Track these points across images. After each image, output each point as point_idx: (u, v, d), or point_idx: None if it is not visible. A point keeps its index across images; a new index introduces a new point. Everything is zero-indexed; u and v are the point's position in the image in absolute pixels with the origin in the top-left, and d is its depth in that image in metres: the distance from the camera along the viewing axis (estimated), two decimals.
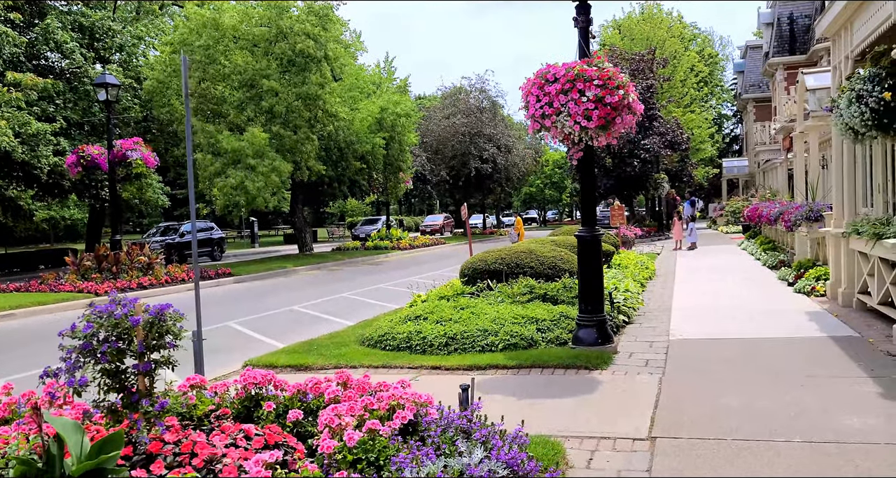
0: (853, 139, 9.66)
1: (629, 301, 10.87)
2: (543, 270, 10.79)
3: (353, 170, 28.49)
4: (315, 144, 24.99)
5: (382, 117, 28.66)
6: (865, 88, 8.76)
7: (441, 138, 44.55)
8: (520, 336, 8.50)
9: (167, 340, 3.75)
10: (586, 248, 8.41)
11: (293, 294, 17.78)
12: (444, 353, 8.45)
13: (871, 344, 8.16)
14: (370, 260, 29.69)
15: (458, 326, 8.88)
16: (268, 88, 23.62)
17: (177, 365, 3.90)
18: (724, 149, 69.50)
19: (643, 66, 36.08)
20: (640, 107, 8.02)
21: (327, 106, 24.84)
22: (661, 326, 10.11)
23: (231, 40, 24.48)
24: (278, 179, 22.98)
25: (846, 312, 10.37)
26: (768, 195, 26.83)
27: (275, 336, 11.57)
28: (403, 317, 9.60)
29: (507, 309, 9.39)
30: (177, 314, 3.77)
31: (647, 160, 34.99)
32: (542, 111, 7.70)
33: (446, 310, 9.59)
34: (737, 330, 9.43)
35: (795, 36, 38.09)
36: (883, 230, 8.79)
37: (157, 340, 3.69)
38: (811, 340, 8.50)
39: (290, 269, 24.53)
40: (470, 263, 11.20)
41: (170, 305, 3.80)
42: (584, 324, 8.39)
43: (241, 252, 41.16)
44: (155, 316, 3.73)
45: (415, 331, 8.87)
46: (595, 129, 7.58)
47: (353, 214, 66.45)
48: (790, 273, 14.34)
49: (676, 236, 26.26)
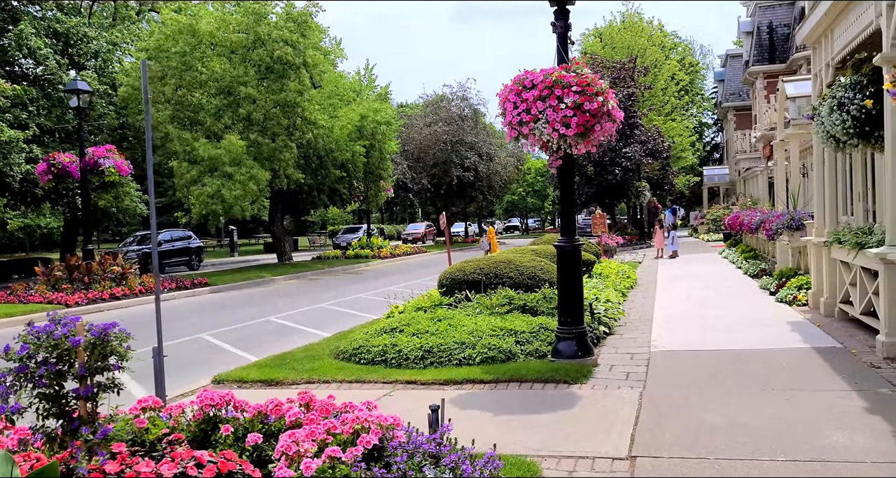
0: (834, 147, 9.56)
1: (610, 311, 10.68)
2: (523, 280, 10.58)
3: (332, 178, 28.18)
4: (294, 151, 24.68)
5: (362, 125, 28.40)
6: (847, 96, 8.65)
7: (422, 146, 44.34)
8: (498, 349, 8.28)
9: (112, 361, 3.49)
10: (566, 258, 8.21)
11: (270, 305, 17.45)
12: (420, 367, 8.21)
13: (855, 355, 8.01)
14: (350, 269, 29.38)
15: (435, 338, 8.64)
16: (245, 95, 23.30)
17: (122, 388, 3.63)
18: (705, 157, 69.85)
19: (624, 75, 36.13)
20: (619, 114, 7.85)
21: (306, 113, 24.55)
22: (642, 337, 9.92)
23: (208, 47, 24.16)
24: (256, 187, 22.64)
25: (828, 322, 10.24)
26: (749, 203, 26.85)
27: (249, 349, 11.26)
28: (379, 329, 9.35)
29: (485, 321, 9.17)
30: (122, 334, 3.51)
31: (628, 168, 34.99)
32: (520, 118, 7.51)
33: (423, 322, 9.35)
34: (719, 341, 9.26)
35: (775, 45, 38.32)
36: (865, 239, 8.67)
37: (101, 361, 3.43)
38: (794, 352, 8.34)
39: (269, 278, 24.17)
40: (448, 274, 10.97)
41: (115, 324, 3.55)
42: (564, 336, 8.18)
43: (220, 261, 40.66)
44: (98, 336, 3.46)
45: (390, 344, 8.62)
46: (574, 136, 7.40)
47: (334, 222, 66.03)
48: (772, 282, 14.23)
49: (658, 245, 26.18)
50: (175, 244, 32.39)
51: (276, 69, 23.90)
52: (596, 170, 35.86)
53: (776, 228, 14.18)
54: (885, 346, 7.80)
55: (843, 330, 9.57)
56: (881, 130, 8.53)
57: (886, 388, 6.61)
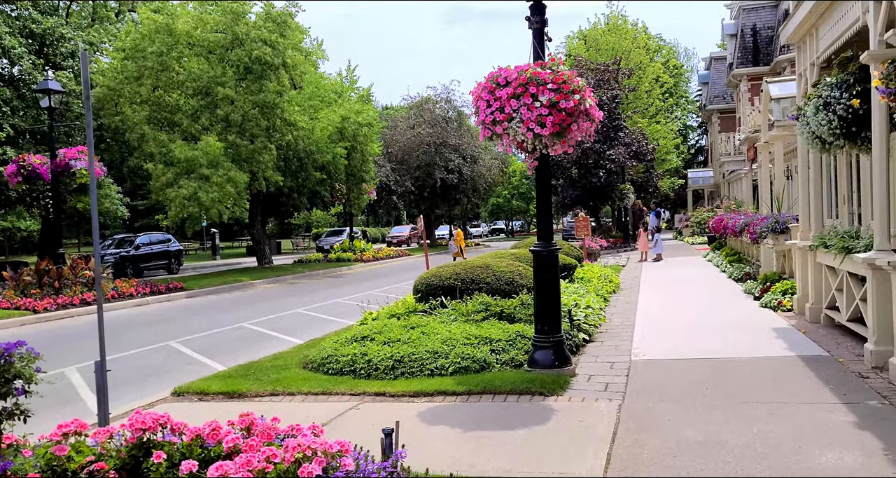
0: (820, 149, 9.28)
1: (591, 318, 10.35)
2: (500, 285, 10.23)
3: (313, 180, 27.71)
4: (273, 153, 24.22)
5: (344, 127, 27.97)
6: (833, 95, 8.36)
7: (406, 149, 43.96)
8: (472, 358, 7.92)
9: (16, 385, 3.10)
10: (542, 264, 7.86)
11: (246, 310, 17.01)
12: (391, 377, 7.84)
13: (842, 364, 7.72)
14: (331, 273, 28.94)
15: (407, 347, 8.27)
16: (223, 96, 22.84)
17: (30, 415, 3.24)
18: (690, 160, 69.88)
19: (608, 77, 35.92)
20: (598, 114, 7.52)
21: (285, 115, 24.11)
22: (623, 344, 9.60)
23: (185, 47, 23.68)
24: (234, 189, 22.18)
25: (814, 329, 9.95)
26: (733, 206, 26.64)
27: (217, 357, 10.85)
28: (350, 337, 8.97)
29: (459, 328, 8.81)
30: (29, 354, 3.12)
31: (612, 171, 34.77)
32: (493, 117, 7.16)
33: (395, 329, 8.98)
34: (702, 349, 8.95)
35: (759, 47, 38.24)
36: (852, 244, 8.38)
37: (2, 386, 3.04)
38: (779, 361, 8.03)
39: (247, 282, 23.70)
40: (423, 279, 10.60)
41: (21, 343, 3.16)
42: (541, 345, 7.83)
43: (200, 265, 40.07)
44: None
45: (360, 353, 8.24)
46: (549, 136, 7.06)
47: (318, 225, 65.50)
48: (756, 286, 13.97)
49: (642, 248, 25.94)
50: (154, 247, 31.77)
51: (255, 70, 23.45)
52: (580, 172, 35.62)
53: (760, 231, 13.92)
54: (873, 354, 7.50)
55: (829, 337, 9.29)
56: (868, 130, 8.25)
57: (875, 400, 6.30)
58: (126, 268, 28.71)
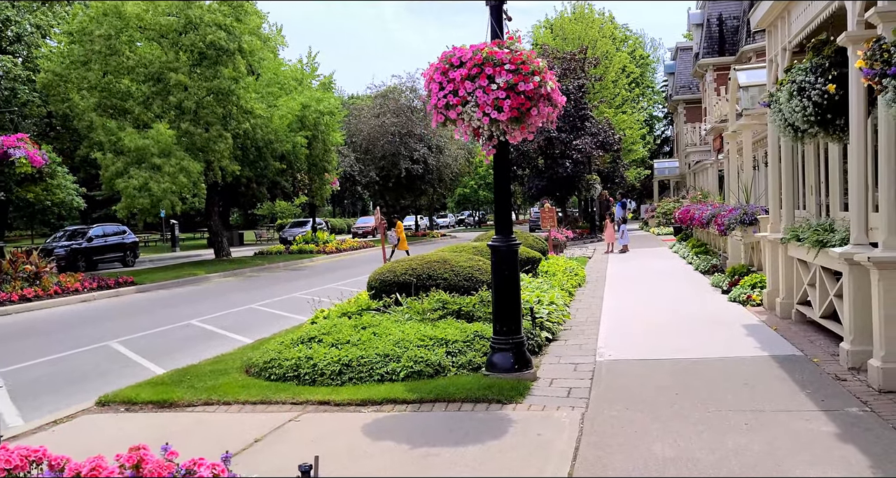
0: (792, 137, 8.84)
1: (554, 315, 9.84)
2: (459, 281, 9.66)
3: (272, 170, 26.86)
4: (229, 142, 23.34)
5: (304, 115, 27.12)
6: (808, 80, 7.90)
7: (370, 138, 43.16)
8: (425, 362, 7.34)
9: None
10: (501, 260, 7.30)
11: (197, 305, 16.26)
12: (337, 383, 7.23)
13: (817, 365, 7.29)
14: (292, 265, 28.17)
15: (356, 350, 7.67)
16: (176, 82, 21.89)
17: None
18: (656, 150, 70.02)
19: (575, 66, 35.49)
20: (561, 99, 6.97)
21: (242, 102, 23.23)
22: (588, 343, 9.10)
23: (136, 30, 22.67)
24: (187, 179, 21.30)
25: (785, 325, 9.55)
26: (699, 197, 26.39)
27: (158, 359, 10.15)
28: (296, 338, 8.34)
29: (414, 328, 8.22)
30: None
31: (578, 161, 34.39)
32: (446, 101, 6.56)
33: (345, 330, 8.37)
34: (670, 348, 8.47)
35: (725, 37, 38.12)
36: (827, 237, 7.95)
37: None
38: (752, 362, 7.58)
39: (202, 276, 22.86)
40: (377, 275, 9.99)
41: None
42: (499, 347, 7.28)
43: (159, 257, 38.94)
44: None
45: (305, 357, 7.62)
46: (507, 121, 6.48)
47: (282, 215, 64.38)
48: (724, 279, 13.60)
49: (608, 239, 25.59)
50: (108, 239, 30.65)
51: (210, 55, 22.52)
52: (546, 162, 35.20)
53: (728, 223, 13.53)
54: (850, 355, 7.08)
55: (801, 334, 8.88)
56: (842, 117, 7.81)
57: (856, 406, 5.85)
58: (78, 261, 27.64)
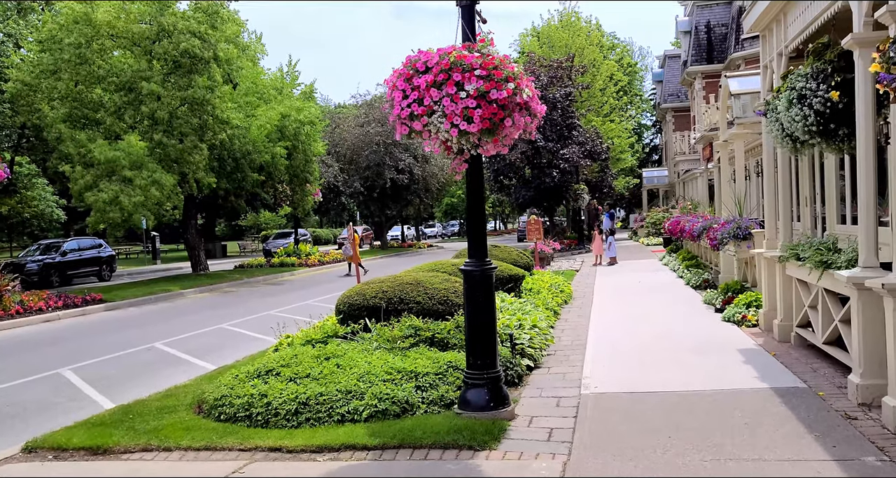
0: (791, 148, 8.20)
1: (536, 340, 9.13)
2: (433, 305, 8.93)
3: (250, 182, 26.05)
4: (204, 153, 22.56)
5: (284, 125, 26.37)
6: (808, 87, 7.27)
7: (355, 148, 42.42)
8: (391, 399, 6.62)
9: None
10: (475, 285, 6.60)
11: (164, 325, 15.47)
12: (293, 425, 6.50)
13: (824, 400, 6.61)
14: (272, 279, 27.38)
15: (316, 385, 6.93)
16: (148, 92, 21.10)
17: None
18: (645, 159, 69.65)
19: (562, 74, 34.96)
20: (540, 108, 6.30)
21: (217, 112, 22.46)
22: (572, 372, 8.40)
23: (107, 38, 21.90)
24: (160, 193, 20.50)
25: (784, 350, 8.88)
26: (689, 207, 25.81)
27: (109, 389, 9.40)
28: (252, 371, 7.59)
29: (381, 359, 7.49)
30: None
31: (566, 170, 33.80)
32: (410, 111, 5.88)
33: (307, 361, 7.62)
34: (662, 377, 7.78)
35: (713, 44, 37.69)
36: (831, 258, 7.29)
37: None
38: (751, 396, 6.89)
39: (176, 292, 22.03)
40: (346, 298, 9.25)
41: None
42: (474, 382, 6.57)
43: (138, 270, 38.00)
44: None
45: (258, 394, 6.87)
46: (478, 133, 5.80)
47: (267, 226, 63.54)
48: (717, 296, 12.94)
49: (596, 251, 24.95)
50: (83, 253, 29.70)
51: (184, 63, 21.77)
52: (533, 172, 34.60)
53: (721, 237, 12.88)
54: (860, 389, 6.41)
55: (803, 361, 8.21)
56: (846, 127, 7.18)
57: (872, 455, 5.17)
58: (51, 276, 26.75)
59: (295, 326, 11.11)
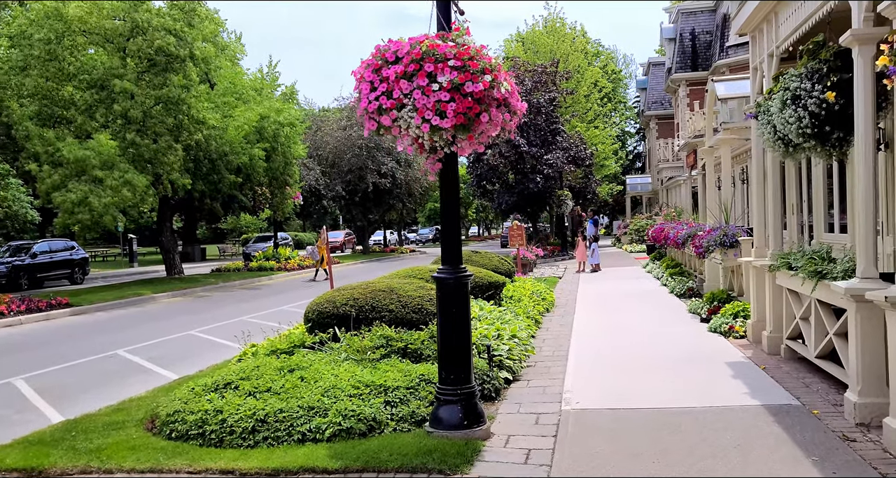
0: (783, 152, 7.82)
1: (516, 351, 8.68)
2: (406, 314, 8.45)
3: (227, 184, 25.46)
4: (179, 154, 21.96)
5: (262, 126, 25.80)
6: (803, 87, 6.88)
7: (337, 151, 41.87)
8: (357, 417, 6.13)
9: None
10: (448, 295, 6.14)
11: (131, 331, 14.88)
12: (249, 444, 5.99)
13: (819, 420, 6.19)
14: (249, 283, 26.77)
15: (277, 400, 6.43)
16: (121, 90, 20.49)
17: None
18: (628, 166, 69.59)
19: (546, 79, 34.62)
20: (520, 105, 5.88)
21: (193, 111, 21.87)
22: (553, 385, 7.95)
23: (79, 34, 21.27)
24: (132, 194, 19.87)
25: (774, 363, 8.48)
26: (673, 214, 25.54)
27: (62, 401, 8.83)
28: (210, 384, 7.07)
29: (349, 372, 7.00)
30: None
31: (550, 176, 33.44)
32: (379, 104, 5.42)
33: (269, 373, 7.12)
34: (647, 392, 7.35)
35: (698, 52, 37.56)
36: (826, 268, 6.89)
37: None
38: (742, 414, 6.46)
39: (148, 296, 21.38)
40: (315, 305, 8.75)
41: None
42: (446, 398, 6.10)
43: (113, 273, 37.22)
44: None
45: (214, 409, 6.36)
46: (452, 129, 5.35)
47: (248, 230, 62.76)
48: (702, 306, 12.53)
49: (580, 258, 24.56)
50: (54, 256, 28.95)
51: (158, 61, 21.18)
52: (517, 177, 34.21)
53: (707, 244, 12.52)
54: (858, 408, 6.00)
55: (794, 376, 7.80)
56: (842, 130, 6.81)
57: None
58: (20, 279, 26.03)
59: (265, 334, 10.58)
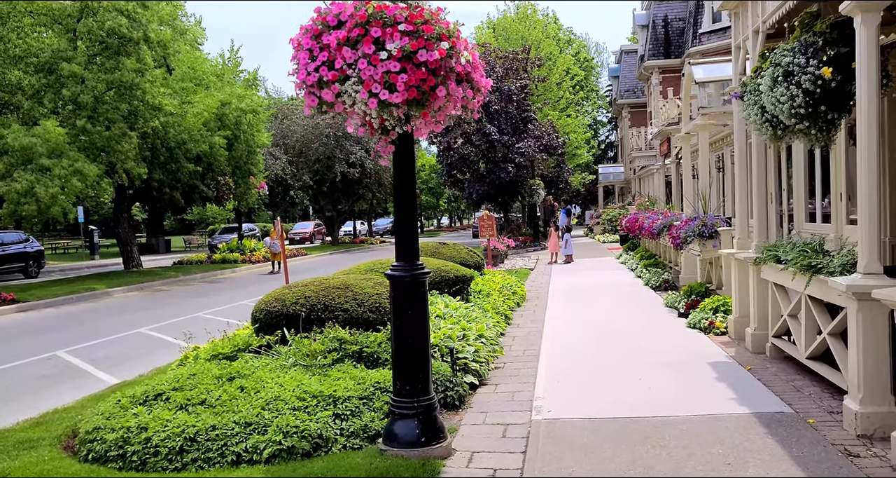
0: (771, 135, 7.19)
1: (483, 352, 7.99)
2: (362, 313, 7.72)
3: (186, 173, 24.43)
4: (134, 142, 20.92)
5: (224, 113, 24.79)
6: (797, 63, 6.24)
7: (304, 140, 40.85)
8: (300, 433, 5.41)
9: None
10: (403, 295, 5.41)
11: (77, 329, 13.98)
12: (175, 467, 5.24)
13: (816, 430, 5.59)
14: (210, 277, 25.81)
15: (210, 415, 5.68)
16: (70, 74, 19.40)
17: None
18: (600, 155, 69.29)
19: (517, 66, 33.91)
20: (485, 81, 5.17)
21: (149, 97, 20.84)
22: (522, 390, 7.28)
23: (26, 15, 20.13)
24: (82, 183, 18.84)
25: (760, 363, 7.89)
26: (647, 203, 25.02)
27: None
28: (139, 395, 6.29)
29: (295, 381, 6.27)
30: None
31: (522, 165, 32.80)
32: (319, 76, 4.66)
33: (206, 382, 6.36)
34: (625, 400, 6.70)
35: (671, 39, 37.14)
36: (821, 261, 6.28)
37: None
38: (730, 424, 5.84)
39: (102, 291, 20.38)
40: (263, 304, 7.97)
41: None
42: (402, 412, 5.39)
43: (72, 266, 35.95)
44: None
45: (138, 426, 5.59)
46: (404, 105, 4.62)
47: (214, 221, 61.46)
48: (679, 299, 11.97)
49: (552, 249, 23.96)
50: (7, 249, 27.66)
51: (111, 44, 20.10)
52: (488, 166, 33.52)
53: (685, 235, 11.92)
54: (859, 418, 5.40)
55: (783, 378, 7.20)
56: (836, 110, 6.20)
57: None
58: None
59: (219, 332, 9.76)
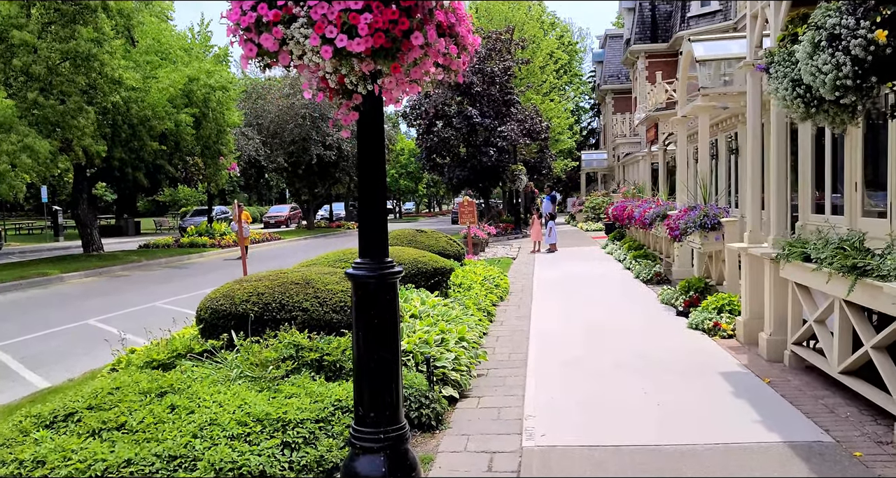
0: (803, 112, 6.17)
1: (464, 358, 6.95)
2: (324, 313, 6.63)
3: (150, 152, 23.06)
4: (92, 117, 19.55)
5: (191, 89, 23.42)
6: (845, 25, 5.20)
7: (279, 121, 39.42)
8: (238, 470, 4.33)
9: None
10: (368, 299, 4.31)
11: (18, 319, 12.77)
12: None
13: (866, 467, 4.62)
14: (176, 261, 24.54)
15: (127, 444, 4.58)
16: (21, 42, 17.99)
17: None
18: (582, 142, 68.39)
19: (500, 47, 32.79)
20: (473, 38, 4.05)
21: (107, 69, 19.46)
22: (510, 405, 6.26)
23: None
24: (32, 160, 17.50)
25: (779, 374, 6.93)
26: (634, 191, 24.12)
27: None
28: (47, 414, 5.18)
29: (238, 398, 5.18)
30: None
31: (504, 149, 31.75)
32: (258, 15, 3.54)
33: (130, 398, 5.26)
34: (632, 421, 5.70)
35: (658, 23, 36.14)
36: (867, 262, 5.29)
37: None
38: (762, 459, 4.84)
39: (54, 276, 19.05)
40: (209, 301, 6.85)
41: None
42: (365, 445, 4.30)
43: (33, 248, 34.54)
44: None
45: (34, 460, 4.48)
46: (368, 55, 3.51)
47: (187, 203, 59.81)
48: (676, 296, 11.00)
49: (534, 237, 22.97)
50: None
51: (66, 11, 18.68)
52: (469, 151, 32.45)
53: (685, 226, 10.95)
54: None
55: (810, 394, 6.24)
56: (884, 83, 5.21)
57: None
58: None
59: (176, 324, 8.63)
